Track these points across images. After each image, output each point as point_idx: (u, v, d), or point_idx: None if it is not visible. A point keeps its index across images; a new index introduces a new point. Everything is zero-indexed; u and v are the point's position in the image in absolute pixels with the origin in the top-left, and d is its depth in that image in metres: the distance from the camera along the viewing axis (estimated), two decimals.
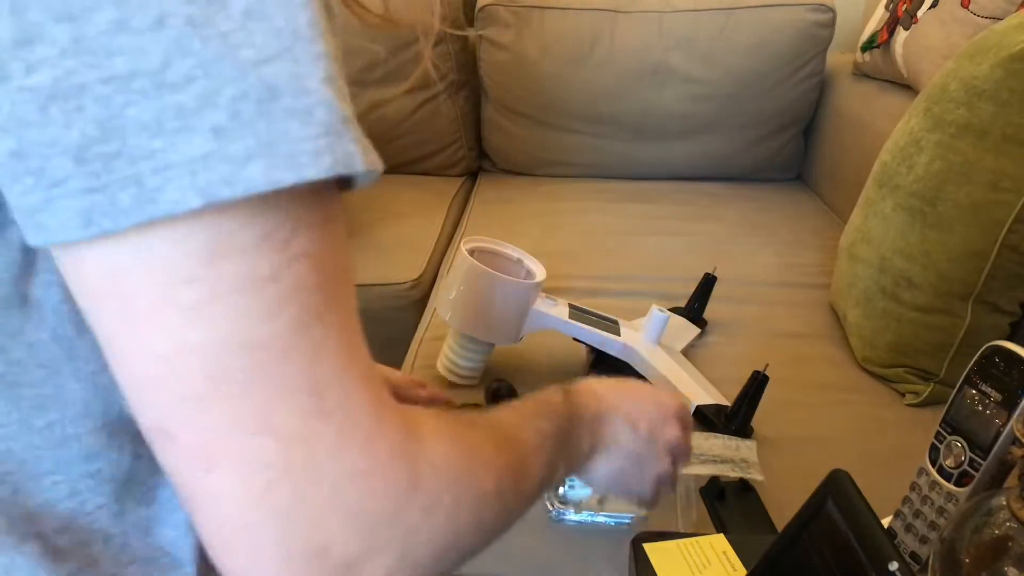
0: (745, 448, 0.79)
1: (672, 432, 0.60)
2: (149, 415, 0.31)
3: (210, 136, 0.27)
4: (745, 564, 0.64)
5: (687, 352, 1.02)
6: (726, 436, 0.80)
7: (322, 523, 0.31)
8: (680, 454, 0.61)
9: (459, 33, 1.69)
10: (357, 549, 0.31)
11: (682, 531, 0.71)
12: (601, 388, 0.57)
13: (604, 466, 0.56)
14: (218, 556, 0.32)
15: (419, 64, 1.65)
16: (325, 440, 0.31)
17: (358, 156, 0.30)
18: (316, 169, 0.28)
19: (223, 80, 0.27)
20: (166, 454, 0.31)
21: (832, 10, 1.60)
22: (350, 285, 0.33)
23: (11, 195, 0.28)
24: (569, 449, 0.51)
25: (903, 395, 0.96)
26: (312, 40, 0.29)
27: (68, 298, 0.33)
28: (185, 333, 0.29)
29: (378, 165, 0.31)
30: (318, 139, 0.29)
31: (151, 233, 0.28)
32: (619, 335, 0.92)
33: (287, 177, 0.28)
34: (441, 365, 0.94)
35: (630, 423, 0.57)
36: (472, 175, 1.87)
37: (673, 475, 0.61)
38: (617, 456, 0.56)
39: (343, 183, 0.33)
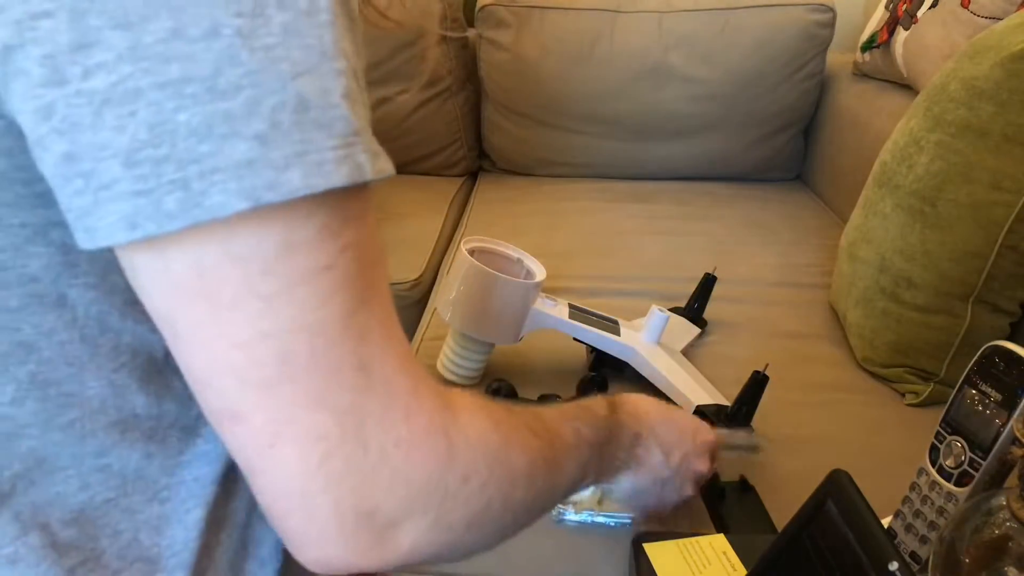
0: (743, 436, 0.79)
1: (702, 465, 0.65)
2: (220, 401, 0.33)
3: (255, 143, 0.29)
4: (745, 564, 0.64)
5: (687, 352, 1.02)
6: (722, 428, 0.80)
7: (370, 487, 0.33)
8: (702, 483, 0.67)
9: (458, 36, 1.70)
10: (399, 510, 0.34)
11: (682, 531, 0.71)
12: (646, 409, 0.61)
13: (628, 481, 0.60)
14: (277, 521, 0.35)
15: (419, 64, 1.66)
16: (372, 413, 0.33)
17: (367, 166, 0.32)
18: (339, 177, 0.31)
19: (266, 91, 0.29)
20: (233, 435, 0.33)
21: (832, 10, 1.60)
22: (385, 269, 0.36)
23: (62, 196, 0.30)
24: (603, 459, 0.54)
25: (903, 395, 0.96)
26: (335, 57, 0.31)
27: (99, 299, 0.35)
28: (260, 322, 0.31)
29: (387, 171, 0.33)
30: (338, 150, 0.31)
31: (233, 229, 0.30)
32: (619, 335, 0.92)
33: (320, 183, 0.30)
34: (441, 365, 0.94)
35: (664, 451, 0.61)
36: (472, 175, 1.87)
37: (690, 498, 0.66)
38: (643, 476, 0.60)
39: None
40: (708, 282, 1.09)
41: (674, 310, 1.07)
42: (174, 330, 0.32)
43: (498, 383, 0.90)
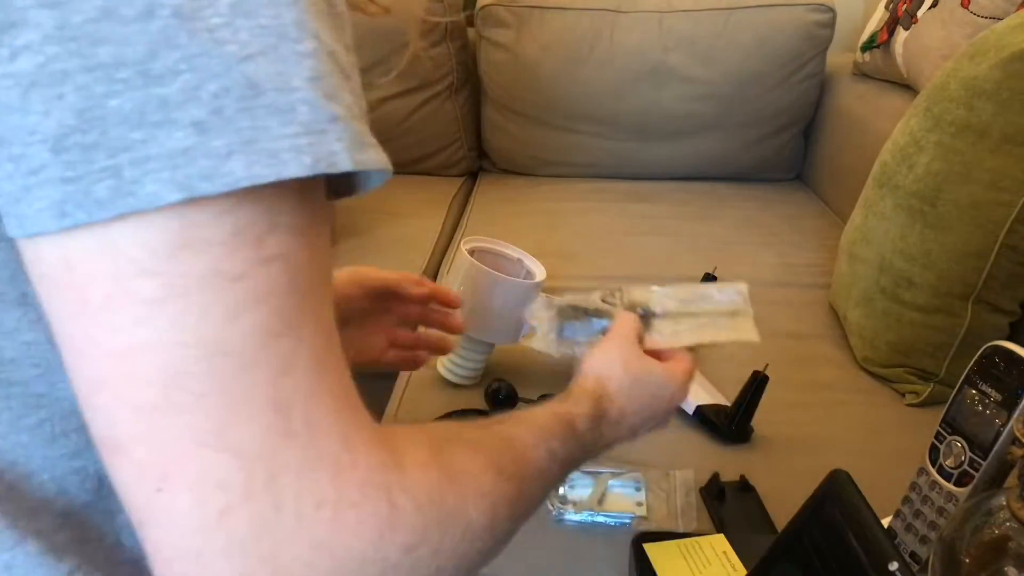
0: (731, 295, 0.68)
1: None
2: (100, 424, 0.29)
3: (192, 131, 0.27)
4: (745, 564, 0.64)
5: None
6: (698, 284, 0.69)
7: (285, 557, 0.28)
8: None
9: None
10: None
11: (682, 531, 0.71)
12: (630, 413, 0.56)
13: None
14: None
15: (417, 62, 1.65)
16: (289, 463, 0.29)
17: (342, 155, 0.29)
18: (297, 167, 0.28)
19: (207, 75, 0.27)
20: (118, 470, 0.29)
21: (832, 10, 1.60)
22: (328, 297, 0.32)
23: None
24: (570, 470, 0.50)
25: (903, 395, 0.96)
26: (297, 39, 0.29)
27: None
28: (138, 330, 0.27)
29: (376, 164, 0.30)
30: (299, 137, 0.28)
31: (111, 223, 0.27)
32: None
33: (267, 174, 0.27)
34: (441, 365, 0.94)
35: (634, 434, 0.58)
36: (472, 175, 1.87)
37: None
38: None
39: (348, 189, 0.33)
40: (708, 282, 1.09)
41: None
42: (52, 327, 0.29)
43: (498, 383, 0.90)
